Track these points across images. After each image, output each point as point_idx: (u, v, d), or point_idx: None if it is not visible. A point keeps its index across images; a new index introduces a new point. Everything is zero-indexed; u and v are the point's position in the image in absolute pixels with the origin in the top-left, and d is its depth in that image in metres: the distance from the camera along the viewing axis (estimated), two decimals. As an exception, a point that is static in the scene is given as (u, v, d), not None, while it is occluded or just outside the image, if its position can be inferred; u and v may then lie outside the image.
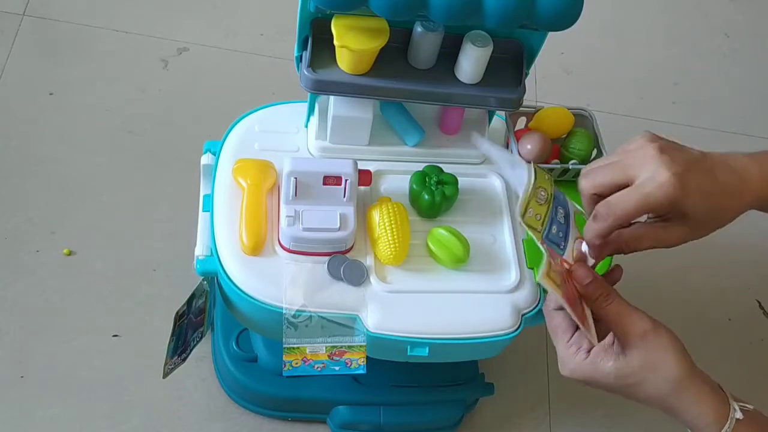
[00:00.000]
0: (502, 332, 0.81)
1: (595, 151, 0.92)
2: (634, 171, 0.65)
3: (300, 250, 0.81)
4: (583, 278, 0.67)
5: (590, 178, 0.68)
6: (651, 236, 0.68)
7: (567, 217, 0.72)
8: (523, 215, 0.68)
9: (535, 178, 0.70)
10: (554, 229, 0.70)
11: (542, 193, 0.70)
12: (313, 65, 0.79)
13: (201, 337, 0.91)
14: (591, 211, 0.67)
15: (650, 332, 0.65)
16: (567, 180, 0.92)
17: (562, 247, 0.70)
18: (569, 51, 1.54)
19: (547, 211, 0.70)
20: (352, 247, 0.82)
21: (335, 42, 0.75)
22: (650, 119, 1.48)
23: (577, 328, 0.69)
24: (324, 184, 0.80)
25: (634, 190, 0.64)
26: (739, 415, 0.64)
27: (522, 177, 0.70)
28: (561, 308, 0.70)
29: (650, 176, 0.63)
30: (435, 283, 0.82)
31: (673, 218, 0.67)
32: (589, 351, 0.67)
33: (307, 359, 0.82)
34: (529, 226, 0.68)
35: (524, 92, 0.83)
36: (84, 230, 1.17)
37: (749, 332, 1.28)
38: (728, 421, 0.64)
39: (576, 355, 0.67)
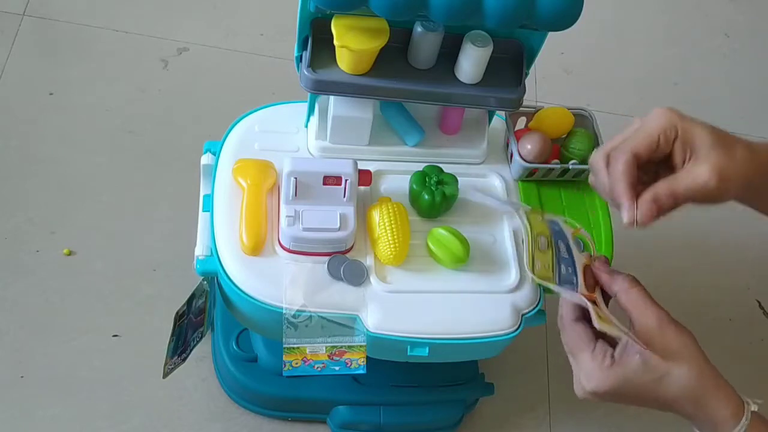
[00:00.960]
0: (502, 332, 0.81)
1: (594, 152, 0.92)
2: (633, 125, 0.66)
3: (300, 250, 0.81)
4: (605, 267, 0.69)
5: (606, 144, 0.67)
6: (682, 179, 0.65)
7: (568, 246, 0.71)
8: (533, 271, 0.68)
9: (530, 227, 0.70)
10: (563, 268, 0.69)
11: (542, 239, 0.70)
12: (313, 65, 0.79)
13: (201, 337, 0.91)
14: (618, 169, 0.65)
15: (670, 323, 0.66)
16: (567, 180, 0.92)
17: (575, 282, 0.69)
18: (569, 51, 1.54)
19: (552, 255, 0.70)
20: (352, 247, 0.82)
21: (335, 42, 0.75)
22: (650, 119, 1.48)
23: (598, 339, 0.67)
24: (324, 184, 0.80)
25: (637, 129, 0.65)
26: (754, 407, 0.64)
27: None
28: (579, 320, 0.68)
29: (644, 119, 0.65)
30: (435, 283, 0.82)
31: (693, 160, 0.65)
32: (613, 356, 0.65)
33: (307, 359, 0.82)
34: (543, 279, 0.69)
35: (524, 92, 0.83)
36: (84, 230, 1.17)
37: (749, 332, 1.28)
38: (745, 413, 0.64)
39: (603, 362, 0.65)
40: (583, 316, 0.69)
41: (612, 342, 0.67)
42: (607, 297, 0.70)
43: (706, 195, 0.64)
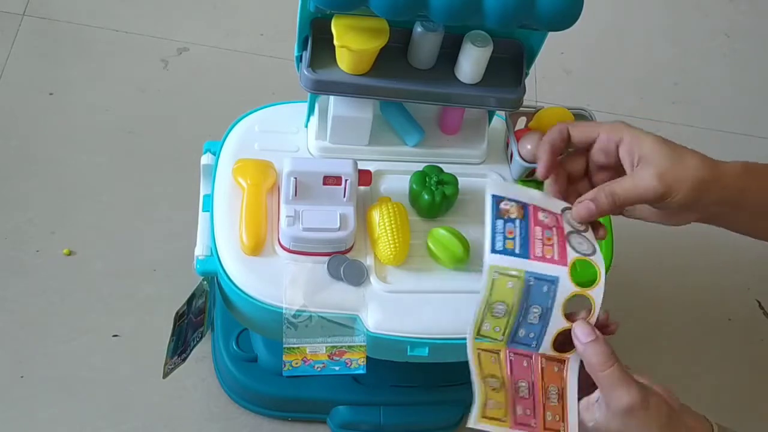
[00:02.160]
0: (502, 332, 0.81)
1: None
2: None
3: (300, 250, 0.81)
4: (584, 337, 0.66)
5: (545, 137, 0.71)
6: (628, 181, 0.68)
7: (547, 312, 0.68)
8: (477, 332, 0.67)
9: (491, 292, 0.67)
10: (522, 332, 0.68)
11: (499, 306, 0.67)
12: (313, 65, 0.79)
13: (201, 337, 0.91)
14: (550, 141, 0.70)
15: (637, 409, 0.63)
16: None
17: (533, 345, 0.68)
18: (569, 51, 1.54)
19: (508, 321, 0.68)
20: (352, 247, 0.82)
21: (335, 42, 0.75)
22: (650, 119, 1.48)
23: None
24: (324, 184, 0.80)
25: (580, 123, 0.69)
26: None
27: None
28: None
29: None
30: (435, 283, 0.82)
31: (640, 164, 0.68)
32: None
33: (307, 359, 0.82)
34: (483, 344, 0.68)
35: (524, 92, 0.83)
36: (84, 230, 1.17)
37: (749, 332, 1.28)
38: None
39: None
40: None
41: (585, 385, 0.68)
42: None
43: (649, 197, 0.67)
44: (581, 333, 0.66)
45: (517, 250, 0.68)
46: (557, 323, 0.68)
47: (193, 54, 1.40)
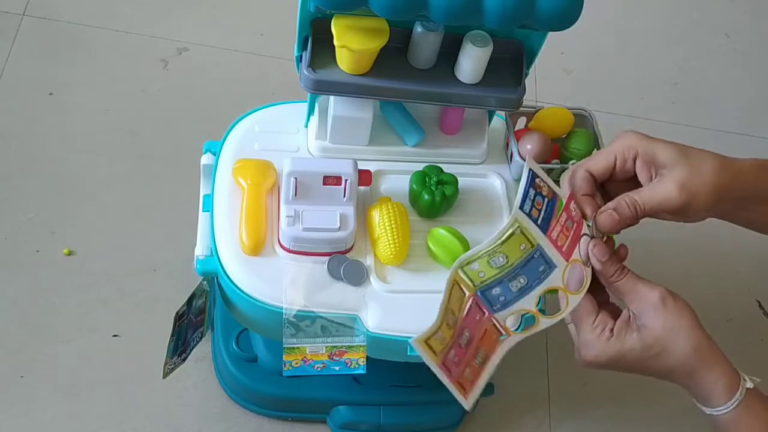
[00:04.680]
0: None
1: (595, 151, 0.92)
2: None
3: (300, 250, 0.81)
4: (601, 255, 0.69)
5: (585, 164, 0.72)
6: (647, 193, 0.69)
7: (528, 288, 0.70)
8: (463, 266, 0.68)
9: (504, 242, 0.68)
10: (496, 290, 0.70)
11: (500, 258, 0.69)
12: (313, 65, 0.79)
13: (201, 337, 0.91)
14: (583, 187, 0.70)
15: (667, 298, 0.67)
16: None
17: (495, 308, 0.70)
18: (569, 51, 1.54)
19: (495, 275, 0.69)
20: (352, 247, 0.82)
21: (335, 42, 0.75)
22: (650, 119, 1.48)
23: (599, 311, 0.69)
24: (324, 184, 0.80)
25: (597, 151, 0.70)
26: (749, 384, 0.66)
27: None
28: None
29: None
30: (435, 283, 0.82)
31: (659, 175, 0.69)
32: (612, 330, 0.68)
33: (307, 359, 0.82)
34: (462, 278, 0.68)
35: (524, 92, 0.83)
36: (84, 230, 1.17)
37: (749, 332, 1.28)
38: (739, 389, 0.66)
39: (602, 335, 0.68)
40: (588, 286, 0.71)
41: (614, 314, 0.70)
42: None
43: (672, 208, 0.67)
44: (599, 252, 0.69)
45: (539, 221, 0.69)
46: (527, 303, 0.70)
47: (193, 54, 1.40)
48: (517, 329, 0.71)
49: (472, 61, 0.80)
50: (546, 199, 0.70)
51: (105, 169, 1.24)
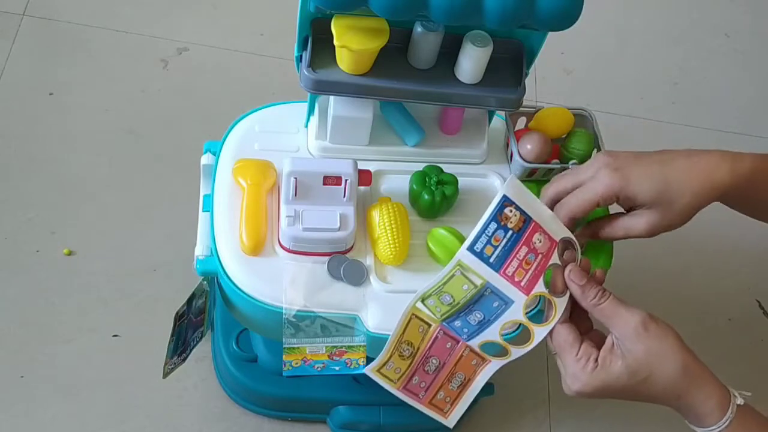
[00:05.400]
0: (502, 332, 0.81)
1: (595, 151, 0.92)
2: (583, 175, 0.75)
3: (300, 250, 0.81)
4: (578, 279, 0.70)
5: (551, 186, 0.78)
6: (621, 225, 0.76)
7: (486, 323, 0.72)
8: (422, 299, 0.71)
9: (446, 282, 0.70)
10: (458, 323, 0.72)
11: (447, 297, 0.71)
12: (313, 65, 0.79)
13: (201, 337, 0.91)
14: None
15: (649, 323, 0.67)
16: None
17: (464, 338, 0.73)
18: (569, 51, 1.54)
19: (450, 311, 0.72)
20: (352, 247, 0.82)
21: (335, 42, 0.75)
22: (650, 119, 1.48)
23: (582, 341, 0.70)
24: (324, 184, 0.80)
25: (580, 189, 0.74)
26: (740, 401, 0.66)
27: None
28: (565, 321, 0.71)
29: (593, 175, 0.74)
30: (435, 283, 0.82)
31: (638, 208, 0.74)
32: (596, 360, 0.68)
33: (307, 359, 0.82)
34: (423, 312, 0.71)
35: (524, 92, 0.83)
36: (84, 230, 1.17)
37: (749, 332, 1.28)
38: (730, 406, 0.65)
39: (586, 366, 0.68)
40: (569, 317, 0.72)
41: (599, 342, 0.70)
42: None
43: (638, 237, 0.75)
44: (575, 276, 0.70)
45: (491, 259, 0.69)
46: (490, 335, 0.72)
47: (193, 54, 1.40)
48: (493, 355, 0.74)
49: (472, 61, 0.80)
50: (510, 232, 0.70)
51: (105, 169, 1.24)
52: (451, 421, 0.74)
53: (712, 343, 1.25)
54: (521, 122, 0.94)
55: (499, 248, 0.69)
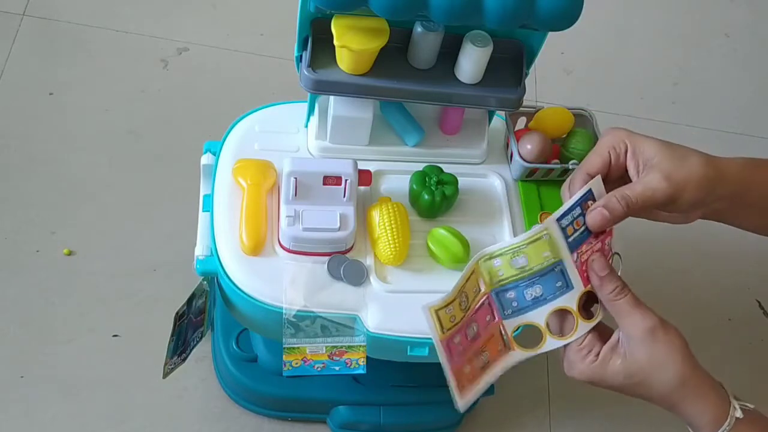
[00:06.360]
0: (502, 332, 0.81)
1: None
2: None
3: (300, 250, 0.81)
4: (600, 269, 0.68)
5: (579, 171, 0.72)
6: (638, 185, 0.69)
7: (542, 300, 0.70)
8: (484, 258, 0.68)
9: (529, 242, 0.68)
10: (511, 294, 0.71)
11: (521, 259, 0.69)
12: (313, 65, 0.79)
13: (201, 337, 0.91)
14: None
15: (658, 329, 0.66)
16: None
17: (506, 313, 0.71)
18: (569, 51, 1.54)
19: (512, 276, 0.70)
20: (352, 247, 0.82)
21: (335, 42, 0.75)
22: (650, 119, 1.48)
23: (590, 330, 0.69)
24: (324, 184, 0.80)
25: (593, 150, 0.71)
26: (739, 414, 0.65)
27: None
28: None
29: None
30: (435, 283, 0.82)
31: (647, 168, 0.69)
32: (598, 354, 0.68)
33: (307, 359, 0.82)
34: (481, 271, 0.68)
35: (524, 92, 0.83)
36: (84, 230, 1.17)
37: (749, 332, 1.28)
38: (728, 419, 0.65)
39: (586, 357, 0.68)
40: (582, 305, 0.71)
41: (604, 336, 0.69)
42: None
43: (660, 199, 0.67)
44: (598, 267, 0.68)
45: (571, 239, 0.69)
46: (538, 317, 0.70)
47: (193, 54, 1.40)
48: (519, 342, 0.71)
49: (472, 61, 0.80)
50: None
51: (105, 169, 1.24)
52: (463, 404, 0.72)
53: (712, 343, 1.25)
54: (521, 122, 0.94)
55: (578, 233, 0.68)
